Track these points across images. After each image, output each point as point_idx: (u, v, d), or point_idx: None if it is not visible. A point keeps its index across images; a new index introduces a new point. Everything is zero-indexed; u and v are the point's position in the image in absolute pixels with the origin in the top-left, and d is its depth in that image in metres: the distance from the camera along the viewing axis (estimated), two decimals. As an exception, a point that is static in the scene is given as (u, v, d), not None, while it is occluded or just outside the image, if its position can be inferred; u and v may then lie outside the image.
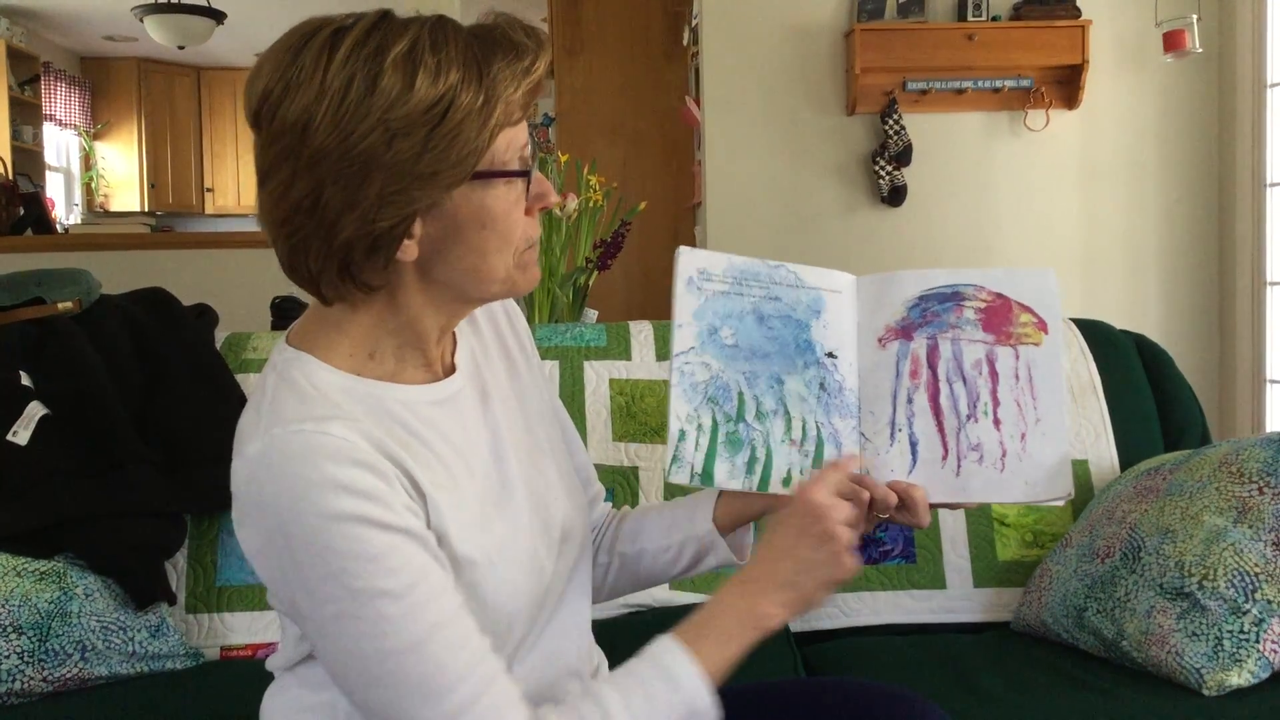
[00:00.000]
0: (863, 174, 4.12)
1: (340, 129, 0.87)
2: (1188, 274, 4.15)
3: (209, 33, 5.88)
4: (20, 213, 4.45)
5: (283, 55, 0.90)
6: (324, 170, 0.88)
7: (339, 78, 0.87)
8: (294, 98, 0.88)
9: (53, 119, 7.55)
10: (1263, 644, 1.45)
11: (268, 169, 0.91)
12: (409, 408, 0.98)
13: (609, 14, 5.09)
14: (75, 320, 1.89)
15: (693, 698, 0.94)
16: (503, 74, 0.91)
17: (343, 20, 0.91)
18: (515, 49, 0.92)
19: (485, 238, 0.95)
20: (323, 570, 0.87)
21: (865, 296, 1.16)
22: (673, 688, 0.94)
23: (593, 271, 2.62)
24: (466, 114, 0.89)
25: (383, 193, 0.89)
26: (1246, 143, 3.94)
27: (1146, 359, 2.09)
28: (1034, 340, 1.12)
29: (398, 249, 0.92)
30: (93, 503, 1.69)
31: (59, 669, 1.54)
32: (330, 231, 0.90)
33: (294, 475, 0.87)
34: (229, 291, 2.84)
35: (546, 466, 1.11)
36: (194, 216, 8.65)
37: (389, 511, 0.89)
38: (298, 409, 0.91)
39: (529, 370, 1.16)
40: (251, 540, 0.91)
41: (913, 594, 1.85)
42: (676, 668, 0.95)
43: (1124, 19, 4.06)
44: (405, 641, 0.88)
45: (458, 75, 0.89)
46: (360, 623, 0.88)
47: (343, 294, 0.95)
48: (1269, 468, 1.58)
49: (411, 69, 0.88)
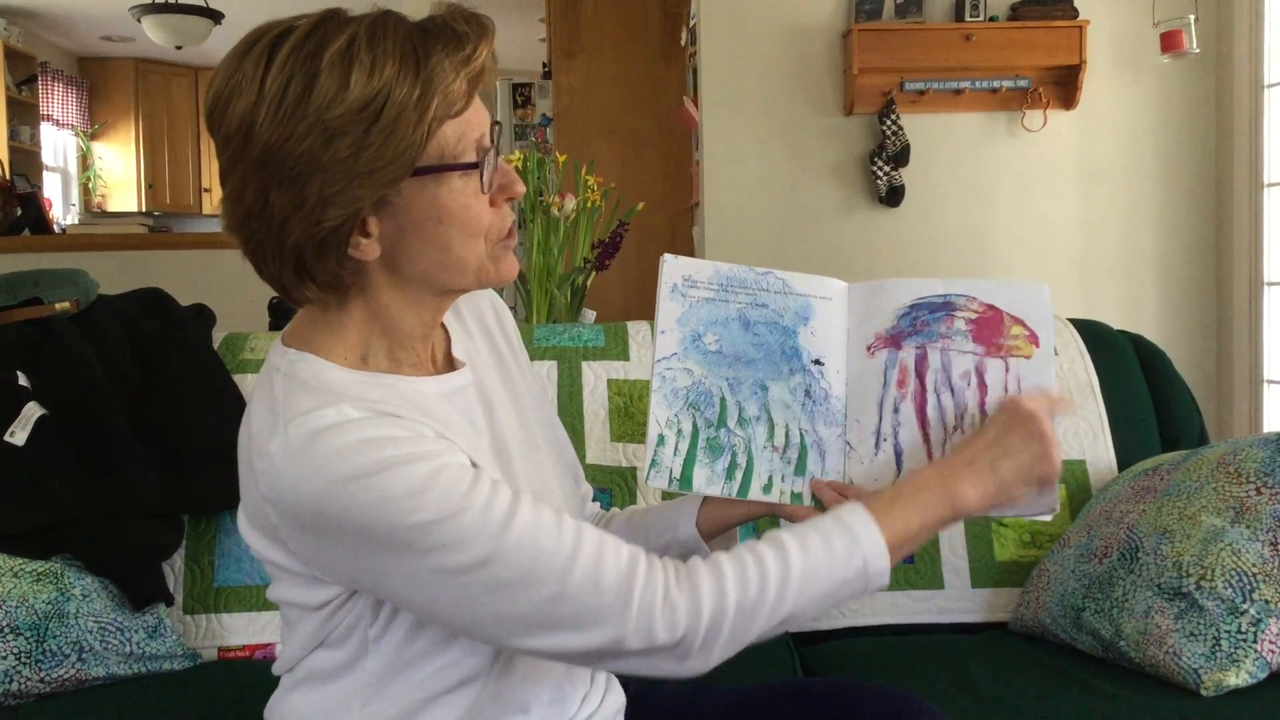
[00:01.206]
0: (860, 174, 4.12)
1: (280, 131, 0.88)
2: (1185, 274, 4.15)
3: (206, 33, 5.88)
4: (18, 213, 4.45)
5: (231, 61, 0.91)
6: (269, 173, 0.89)
7: (277, 81, 0.88)
8: (236, 103, 0.89)
9: (50, 119, 7.55)
10: (1260, 644, 1.45)
11: (223, 174, 0.93)
12: (420, 395, 0.98)
13: (607, 14, 5.09)
14: (73, 320, 1.89)
15: (869, 557, 0.95)
16: (441, 65, 0.90)
17: (291, 23, 0.91)
18: (456, 38, 0.92)
19: (444, 231, 0.94)
20: (388, 524, 0.86)
21: (856, 304, 1.15)
22: (851, 541, 0.94)
23: (591, 272, 2.62)
24: (402, 109, 0.88)
25: (324, 193, 0.89)
26: (1244, 143, 3.94)
27: (1144, 359, 2.09)
28: (1024, 353, 1.12)
29: (348, 247, 0.92)
30: (90, 503, 1.69)
31: (56, 670, 1.54)
32: (280, 233, 0.91)
33: (321, 450, 0.87)
34: (226, 292, 2.83)
35: (544, 465, 1.11)
36: (191, 217, 8.64)
37: (420, 443, 0.89)
38: (313, 399, 0.91)
39: (518, 367, 1.16)
40: (305, 538, 0.90)
41: (910, 594, 1.85)
42: (858, 527, 0.95)
43: (1121, 19, 4.06)
44: (491, 537, 0.87)
45: (393, 70, 0.88)
46: (448, 550, 0.86)
47: (308, 294, 0.95)
48: (1266, 468, 1.58)
49: (346, 67, 0.88)
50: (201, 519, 1.79)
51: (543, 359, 1.95)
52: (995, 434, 1.02)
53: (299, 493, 0.87)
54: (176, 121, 8.54)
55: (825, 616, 1.84)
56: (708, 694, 1.20)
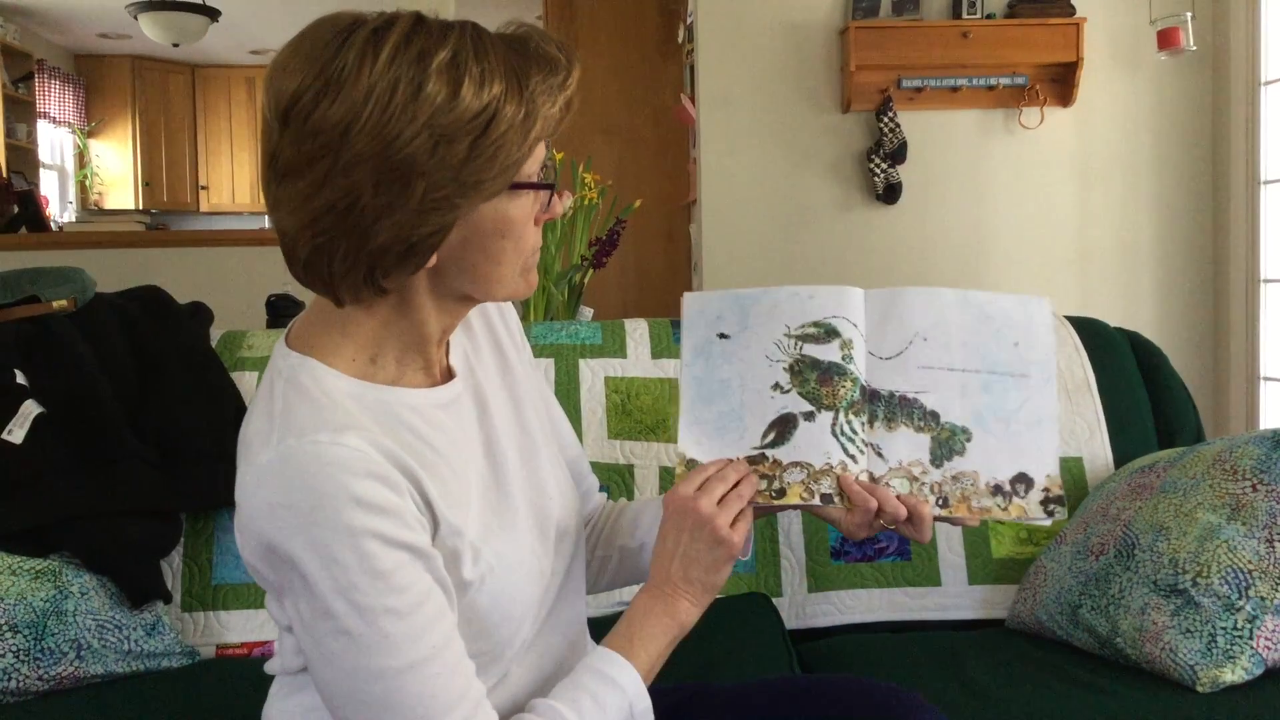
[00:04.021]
0: (857, 172, 4.12)
1: (384, 133, 0.85)
2: (1182, 271, 4.15)
3: (203, 30, 5.87)
4: (14, 211, 4.44)
5: (318, 52, 0.87)
6: (363, 173, 0.86)
7: (384, 80, 0.86)
8: (336, 97, 0.86)
9: (47, 116, 7.54)
10: (1256, 641, 1.46)
11: (296, 166, 0.88)
12: (417, 412, 0.98)
13: (604, 11, 5.09)
14: (70, 319, 1.89)
15: (634, 698, 1.00)
16: (539, 88, 0.91)
17: (376, 20, 0.89)
18: (550, 63, 0.92)
19: (502, 246, 0.95)
20: (330, 584, 0.86)
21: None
22: (619, 693, 0.99)
23: (588, 269, 2.63)
24: (510, 125, 0.89)
25: (426, 198, 0.88)
26: (1241, 140, 3.94)
27: (1141, 356, 2.10)
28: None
29: (430, 257, 0.91)
30: (88, 501, 1.69)
31: (54, 667, 1.54)
32: (364, 236, 0.89)
33: (308, 488, 0.86)
34: (224, 289, 2.84)
35: (541, 464, 1.11)
36: (188, 214, 8.64)
37: (401, 527, 0.88)
38: (311, 417, 0.90)
39: (521, 363, 1.16)
40: (254, 548, 0.90)
41: (908, 591, 1.86)
42: (616, 673, 1.00)
43: (1118, 16, 4.06)
44: (405, 661, 0.88)
45: (501, 87, 0.88)
46: (362, 640, 0.87)
47: (360, 297, 0.94)
48: (1262, 465, 1.58)
49: (456, 77, 0.87)
50: (199, 517, 1.79)
51: (540, 356, 1.95)
52: (684, 547, 1.06)
53: (271, 505, 0.87)
54: (173, 119, 8.53)
55: (823, 613, 1.84)
56: (707, 691, 1.21)
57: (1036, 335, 1.17)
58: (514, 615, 1.00)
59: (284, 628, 0.98)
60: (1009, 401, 1.15)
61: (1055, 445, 1.15)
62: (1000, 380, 1.15)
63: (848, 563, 1.86)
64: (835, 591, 1.85)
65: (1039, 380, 1.16)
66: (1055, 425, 1.15)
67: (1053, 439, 1.15)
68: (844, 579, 1.85)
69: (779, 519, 1.88)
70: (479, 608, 0.97)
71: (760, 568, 1.87)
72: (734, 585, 1.83)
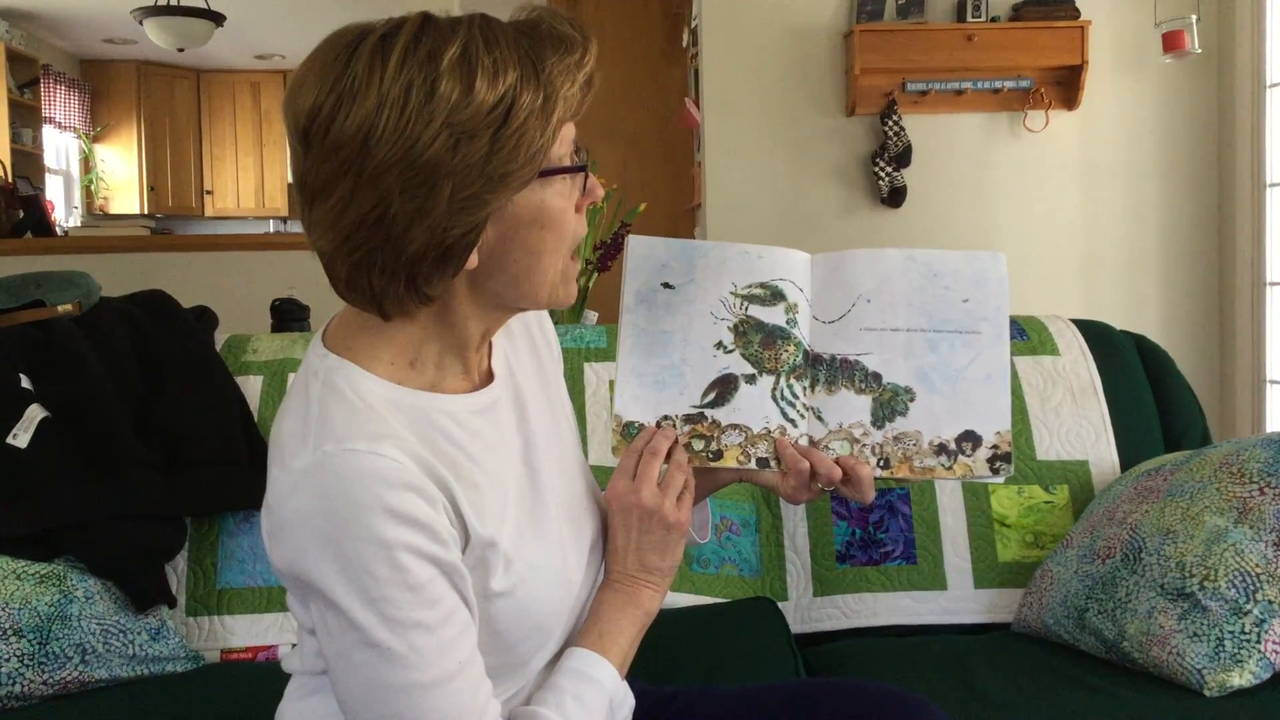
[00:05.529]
0: (862, 175, 4.12)
1: (404, 138, 0.85)
2: (1187, 274, 4.15)
3: (208, 35, 5.88)
4: (20, 215, 4.45)
5: (329, 67, 0.87)
6: (389, 181, 0.86)
7: (396, 85, 0.85)
8: (350, 109, 0.85)
9: (52, 121, 7.56)
10: (1264, 644, 1.45)
11: (322, 184, 0.88)
12: (453, 418, 0.97)
13: (608, 15, 5.09)
14: (75, 323, 1.89)
15: (613, 693, 1.02)
16: (556, 69, 0.89)
17: (383, 26, 0.89)
18: (565, 43, 0.91)
19: (542, 238, 0.94)
20: (361, 596, 0.85)
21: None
22: (596, 688, 1.01)
23: (593, 273, 2.62)
24: (529, 112, 0.87)
25: (454, 199, 0.87)
26: (1246, 143, 3.94)
27: (1147, 359, 2.09)
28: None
29: (468, 258, 0.90)
30: (93, 505, 1.69)
31: (59, 672, 1.54)
32: (399, 244, 0.88)
33: (344, 497, 0.85)
34: (229, 294, 2.84)
35: (575, 472, 1.11)
36: (193, 219, 8.65)
37: (434, 541, 0.88)
38: (348, 424, 0.89)
39: (554, 371, 1.16)
40: (284, 553, 0.89)
41: (913, 595, 1.85)
42: (593, 671, 1.02)
43: (1123, 19, 4.06)
44: (431, 677, 0.88)
45: (515, 74, 0.87)
46: (390, 653, 0.86)
47: (405, 308, 0.93)
48: (1269, 468, 1.58)
49: (468, 72, 0.86)
50: (204, 521, 1.79)
51: (545, 360, 1.95)
52: (636, 538, 1.08)
53: (305, 512, 0.86)
54: (178, 124, 8.54)
55: (828, 618, 1.84)
56: (712, 694, 1.20)
57: (988, 291, 1.17)
58: (544, 625, 1.00)
59: (307, 630, 0.98)
60: (957, 359, 1.15)
61: (1007, 400, 1.15)
62: (947, 339, 1.15)
63: (853, 567, 1.86)
64: (841, 595, 1.85)
65: (990, 336, 1.15)
66: (1006, 380, 1.15)
67: (1004, 394, 1.14)
68: (849, 583, 1.85)
69: (784, 524, 1.88)
70: (509, 617, 0.96)
71: (765, 572, 1.86)
72: (739, 589, 1.83)
